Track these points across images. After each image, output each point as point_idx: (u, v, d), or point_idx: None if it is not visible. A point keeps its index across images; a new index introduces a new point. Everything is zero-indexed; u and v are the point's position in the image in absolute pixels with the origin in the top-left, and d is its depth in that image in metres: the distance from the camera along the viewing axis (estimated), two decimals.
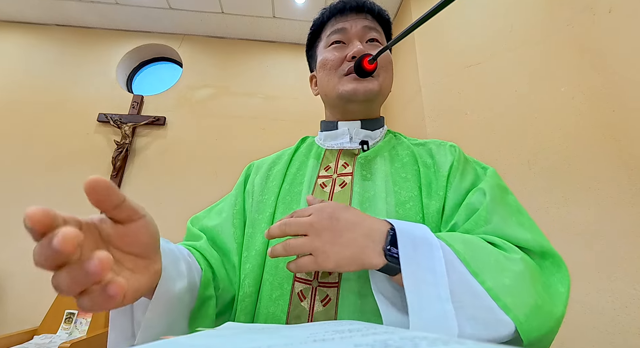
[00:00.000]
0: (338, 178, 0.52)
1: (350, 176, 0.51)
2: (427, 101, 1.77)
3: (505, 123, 1.45)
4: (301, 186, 0.52)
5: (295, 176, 0.55)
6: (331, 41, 0.57)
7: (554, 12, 1.41)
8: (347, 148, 0.56)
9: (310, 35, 0.63)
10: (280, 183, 0.54)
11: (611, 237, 1.07)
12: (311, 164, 0.56)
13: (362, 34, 0.56)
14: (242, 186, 0.58)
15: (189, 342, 0.19)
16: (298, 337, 0.20)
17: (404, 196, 0.47)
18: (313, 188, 0.51)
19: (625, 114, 1.10)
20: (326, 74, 0.56)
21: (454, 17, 1.79)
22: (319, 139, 0.62)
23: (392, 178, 0.50)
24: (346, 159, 0.54)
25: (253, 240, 0.49)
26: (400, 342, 0.15)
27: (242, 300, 0.45)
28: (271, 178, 0.56)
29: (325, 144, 0.59)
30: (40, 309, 1.85)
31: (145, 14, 2.54)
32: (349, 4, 0.56)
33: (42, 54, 2.57)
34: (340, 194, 0.49)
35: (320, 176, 0.53)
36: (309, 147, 0.61)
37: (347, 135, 0.57)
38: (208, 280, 0.42)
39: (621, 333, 0.98)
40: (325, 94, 0.59)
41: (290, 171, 0.56)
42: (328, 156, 0.57)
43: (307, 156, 0.58)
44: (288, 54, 2.83)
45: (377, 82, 0.53)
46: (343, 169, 0.53)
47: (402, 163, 0.52)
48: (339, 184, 0.51)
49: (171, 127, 2.45)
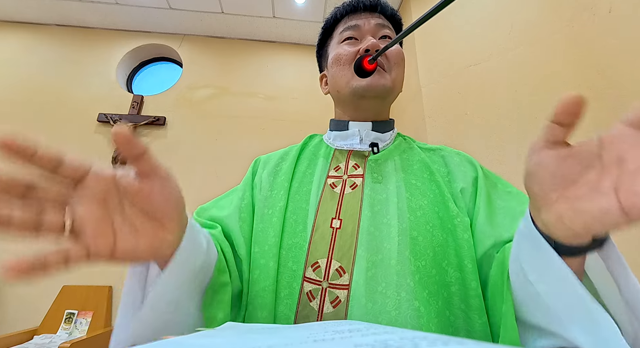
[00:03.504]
0: (349, 179, 0.51)
1: (361, 178, 0.50)
2: (427, 101, 1.77)
3: (505, 123, 1.45)
4: (310, 185, 0.52)
5: (305, 175, 0.54)
6: (344, 38, 0.56)
7: (554, 12, 1.41)
8: (357, 149, 0.56)
9: (322, 34, 0.62)
10: (289, 179, 0.53)
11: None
12: (320, 164, 0.55)
13: (375, 31, 0.55)
14: (250, 181, 0.57)
15: (189, 342, 0.19)
16: (298, 337, 0.20)
17: (415, 203, 0.46)
18: (323, 188, 0.51)
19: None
20: (339, 70, 0.55)
21: (454, 17, 1.79)
22: (328, 138, 0.61)
23: (405, 184, 0.49)
24: (356, 161, 0.54)
25: (264, 235, 0.47)
26: (400, 342, 0.15)
27: (260, 295, 0.43)
28: (280, 174, 0.55)
29: (335, 144, 0.58)
30: (40, 309, 1.85)
31: (145, 14, 2.54)
32: (363, 2, 0.56)
33: (42, 54, 2.57)
34: (350, 196, 0.49)
35: (330, 176, 0.52)
36: (317, 145, 0.60)
37: (357, 136, 0.56)
38: (223, 266, 0.41)
39: None
40: (337, 91, 0.57)
41: (299, 169, 0.55)
42: (338, 156, 0.56)
43: (316, 155, 0.57)
44: (288, 54, 2.83)
45: (389, 77, 0.53)
46: (354, 170, 0.52)
47: (413, 169, 0.52)
48: (349, 186, 0.50)
49: (171, 127, 2.45)
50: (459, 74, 1.70)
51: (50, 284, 1.92)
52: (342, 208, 0.47)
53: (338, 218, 0.47)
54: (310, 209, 0.48)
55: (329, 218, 0.47)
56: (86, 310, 1.84)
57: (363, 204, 0.47)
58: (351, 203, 0.48)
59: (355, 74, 0.53)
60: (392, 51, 0.54)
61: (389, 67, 0.54)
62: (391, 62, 0.54)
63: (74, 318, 1.81)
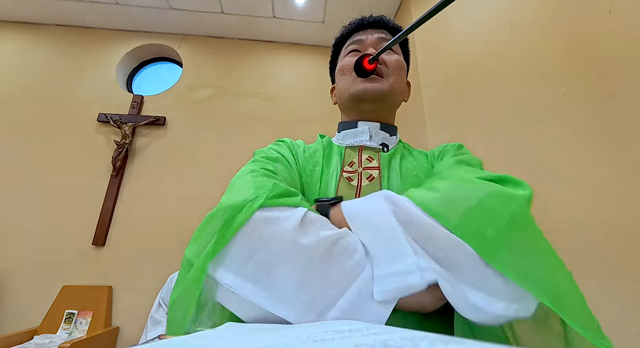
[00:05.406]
0: (364, 171, 0.52)
1: (378, 170, 0.52)
2: (427, 101, 1.77)
3: (505, 123, 1.45)
4: (327, 176, 0.52)
5: (323, 168, 0.54)
6: (348, 50, 0.61)
7: (554, 12, 1.41)
8: (368, 145, 0.57)
9: (333, 52, 0.68)
10: (321, 169, 0.53)
11: (611, 237, 1.07)
12: (334, 160, 0.55)
13: (376, 43, 0.59)
14: (290, 155, 0.54)
15: (189, 341, 0.20)
16: (298, 337, 0.20)
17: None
18: (338, 181, 0.51)
19: (626, 114, 1.10)
20: (343, 78, 0.59)
21: (454, 17, 1.79)
22: (337, 139, 0.62)
23: (403, 176, 0.51)
24: (370, 154, 0.55)
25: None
26: (400, 342, 0.15)
27: None
28: (311, 163, 0.54)
29: (345, 142, 0.59)
30: (40, 309, 1.85)
31: (145, 14, 2.55)
32: (367, 19, 0.62)
33: (42, 54, 2.57)
34: (368, 188, 0.49)
35: (345, 171, 0.53)
36: (329, 145, 0.60)
37: (366, 133, 0.57)
38: None
39: (621, 333, 0.98)
40: (340, 98, 0.61)
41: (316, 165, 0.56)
42: (350, 152, 0.56)
43: (330, 152, 0.58)
44: (288, 54, 2.83)
45: (387, 83, 0.56)
46: (368, 163, 0.53)
47: (412, 164, 0.54)
48: (366, 178, 0.50)
49: (171, 127, 2.45)
50: (459, 74, 1.70)
51: (50, 284, 1.92)
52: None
53: None
54: None
55: None
56: (86, 310, 1.84)
57: None
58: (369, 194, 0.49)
59: (355, 74, 0.55)
60: (392, 60, 0.58)
61: (387, 74, 0.57)
62: (390, 69, 0.57)
63: (74, 318, 1.81)
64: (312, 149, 0.58)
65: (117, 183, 2.21)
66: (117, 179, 2.21)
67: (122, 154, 2.24)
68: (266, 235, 0.31)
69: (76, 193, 2.16)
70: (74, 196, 2.15)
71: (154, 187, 2.26)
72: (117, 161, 2.21)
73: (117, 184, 2.20)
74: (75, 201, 2.14)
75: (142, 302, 1.89)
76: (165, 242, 2.09)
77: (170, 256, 2.01)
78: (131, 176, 2.28)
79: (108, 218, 2.11)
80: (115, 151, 2.24)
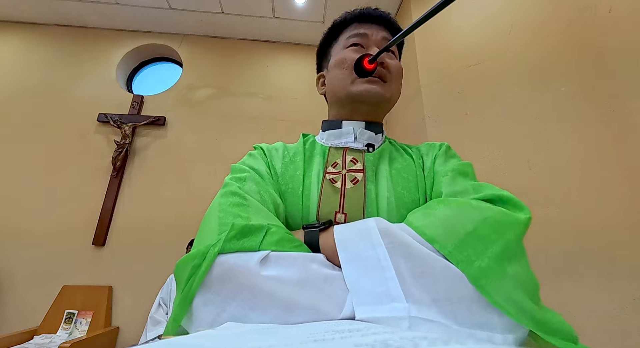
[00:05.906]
0: (348, 173, 0.51)
1: (362, 172, 0.51)
2: (427, 101, 1.77)
3: (505, 123, 1.45)
4: (310, 179, 0.52)
5: (305, 171, 0.54)
6: (350, 43, 0.58)
7: (554, 12, 1.41)
8: (352, 147, 0.56)
9: (327, 35, 0.63)
10: (302, 173, 0.52)
11: (611, 237, 1.07)
12: (317, 161, 0.55)
13: (381, 43, 0.57)
14: (264, 166, 0.53)
15: (189, 341, 0.19)
16: (298, 337, 0.20)
17: (407, 198, 0.48)
18: (322, 183, 0.51)
19: (626, 114, 1.10)
20: (341, 73, 0.56)
21: (454, 17, 1.79)
22: (321, 138, 0.61)
23: (394, 179, 0.51)
24: (354, 155, 0.54)
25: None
26: (400, 342, 0.15)
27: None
28: (292, 169, 0.54)
29: (329, 143, 0.58)
30: (40, 309, 1.85)
31: (145, 14, 2.55)
32: (373, 13, 0.58)
33: (41, 54, 2.57)
34: (353, 190, 0.49)
35: (329, 172, 0.52)
36: (312, 144, 0.60)
37: (351, 134, 0.57)
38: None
39: (621, 333, 0.98)
40: (334, 92, 0.58)
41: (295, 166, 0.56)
42: (333, 153, 0.56)
43: (311, 153, 0.57)
44: (288, 54, 2.83)
45: (390, 89, 0.55)
46: (352, 164, 0.53)
47: (402, 164, 0.54)
48: (350, 181, 0.50)
49: (171, 128, 2.45)
50: (459, 74, 1.70)
51: (50, 284, 1.92)
52: (345, 203, 0.48)
53: (342, 212, 0.47)
54: (311, 205, 0.49)
55: (332, 212, 0.47)
56: (86, 310, 1.84)
57: (367, 200, 0.48)
58: (354, 198, 0.48)
59: (355, 73, 0.54)
60: (395, 65, 0.57)
61: (390, 79, 0.56)
62: (393, 75, 0.56)
63: (74, 318, 1.81)
64: (293, 152, 0.57)
65: (117, 183, 2.21)
66: (117, 179, 2.21)
67: (122, 154, 2.24)
68: (228, 285, 0.32)
69: (76, 193, 2.16)
70: (74, 196, 2.15)
71: (154, 187, 2.26)
72: (117, 161, 2.21)
73: (117, 184, 2.20)
74: (76, 201, 2.14)
75: (142, 302, 1.89)
76: (165, 242, 2.09)
77: (170, 256, 2.01)
78: (131, 176, 2.28)
79: (108, 218, 2.11)
80: (115, 151, 2.24)
